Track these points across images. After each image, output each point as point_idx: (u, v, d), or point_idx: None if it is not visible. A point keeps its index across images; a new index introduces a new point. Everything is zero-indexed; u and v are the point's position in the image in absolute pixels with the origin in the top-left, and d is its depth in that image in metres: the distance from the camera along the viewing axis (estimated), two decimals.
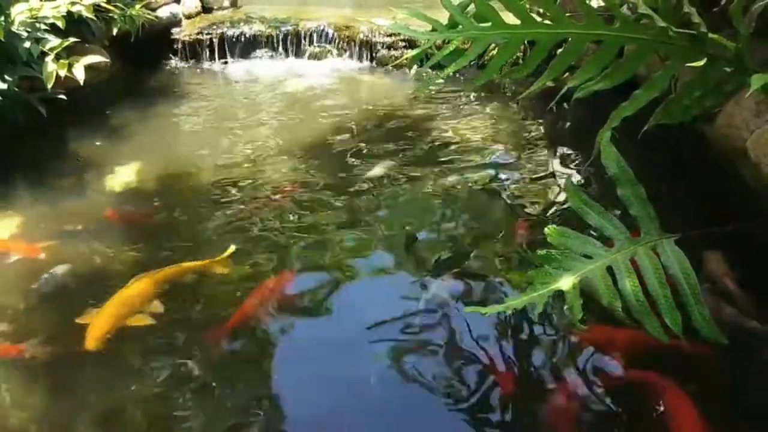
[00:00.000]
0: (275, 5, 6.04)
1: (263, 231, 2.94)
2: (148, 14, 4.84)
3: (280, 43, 5.49)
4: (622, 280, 2.10)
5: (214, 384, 2.10)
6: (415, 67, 5.13)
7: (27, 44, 3.75)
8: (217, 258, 2.63)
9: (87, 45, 4.28)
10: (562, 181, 3.31)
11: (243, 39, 5.48)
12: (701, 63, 2.25)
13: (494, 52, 2.76)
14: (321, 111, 4.44)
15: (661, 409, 1.96)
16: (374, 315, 2.42)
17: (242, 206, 3.13)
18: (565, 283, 2.08)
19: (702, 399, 1.97)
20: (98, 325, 2.21)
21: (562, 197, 3.14)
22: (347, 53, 5.43)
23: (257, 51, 5.50)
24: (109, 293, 2.41)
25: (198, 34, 5.48)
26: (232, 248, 2.68)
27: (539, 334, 2.31)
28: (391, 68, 5.26)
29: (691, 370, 2.08)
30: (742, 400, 2.03)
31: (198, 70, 5.35)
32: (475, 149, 3.79)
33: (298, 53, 5.49)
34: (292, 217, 3.05)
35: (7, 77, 3.59)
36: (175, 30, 5.48)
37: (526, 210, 3.11)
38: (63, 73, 3.81)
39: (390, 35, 5.33)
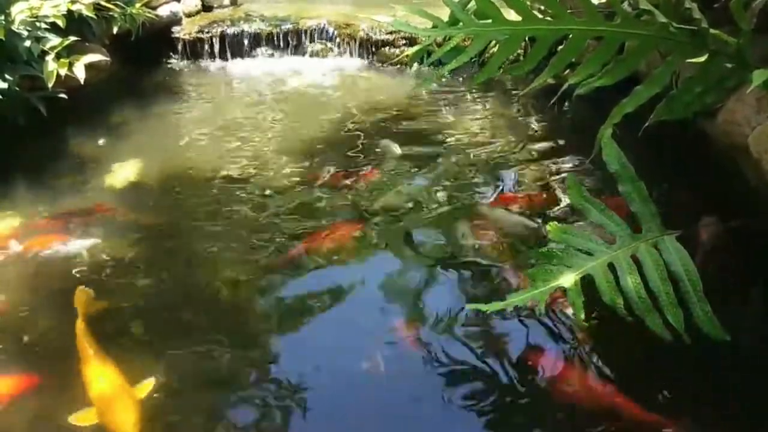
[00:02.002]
0: (275, 3, 6.03)
1: (264, 226, 2.96)
2: (149, 13, 4.83)
3: (281, 41, 5.48)
4: (623, 277, 2.10)
5: None
6: (415, 64, 5.13)
7: (27, 43, 3.74)
8: None
9: (87, 44, 4.27)
10: (563, 178, 3.31)
11: (243, 37, 5.47)
12: (702, 59, 2.24)
13: (495, 49, 2.75)
14: (321, 109, 4.44)
15: None
16: (374, 310, 2.44)
17: (242, 202, 3.15)
18: (567, 279, 2.08)
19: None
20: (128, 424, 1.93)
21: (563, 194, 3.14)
22: (348, 51, 5.43)
23: (258, 49, 5.49)
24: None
25: (198, 32, 5.47)
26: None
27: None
28: (391, 66, 5.25)
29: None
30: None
31: (198, 69, 5.34)
32: (475, 146, 3.78)
33: (299, 51, 5.48)
34: (294, 214, 3.06)
35: (7, 76, 3.59)
36: (175, 28, 5.47)
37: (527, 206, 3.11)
38: (63, 72, 3.81)
39: (390, 33, 5.32)
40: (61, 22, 3.90)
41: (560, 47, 2.44)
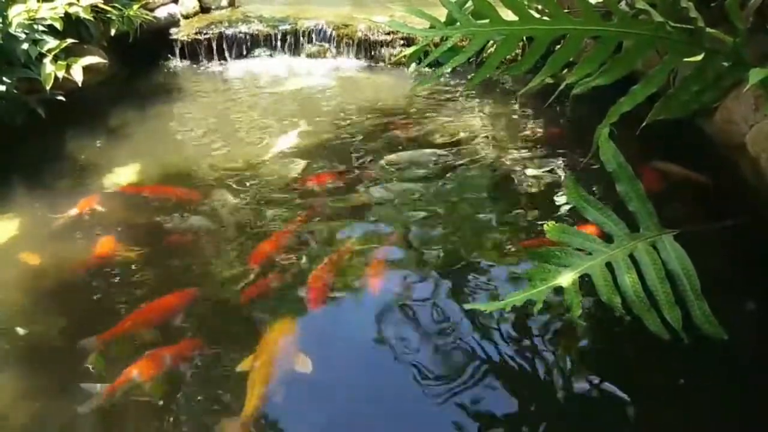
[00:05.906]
0: (273, 5, 6.03)
1: (260, 230, 2.96)
2: (146, 15, 4.82)
3: (279, 42, 5.48)
4: (621, 276, 2.11)
5: None
6: (413, 64, 5.13)
7: (25, 46, 3.74)
8: None
9: (85, 46, 4.27)
10: (561, 177, 3.32)
11: (241, 38, 5.47)
12: (699, 58, 2.25)
13: (492, 48, 2.75)
14: (320, 109, 4.44)
15: None
16: (375, 307, 2.46)
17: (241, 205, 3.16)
18: (565, 279, 2.09)
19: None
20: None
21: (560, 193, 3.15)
22: (345, 52, 5.43)
23: (256, 50, 5.49)
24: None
25: (196, 34, 5.46)
26: None
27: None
28: (389, 66, 5.26)
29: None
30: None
31: (197, 70, 5.34)
32: (473, 146, 3.78)
33: (297, 52, 5.49)
34: (293, 215, 3.06)
35: (5, 79, 3.59)
36: (173, 30, 5.46)
37: (525, 206, 3.12)
38: (61, 74, 3.81)
39: (388, 33, 5.32)
40: (58, 25, 3.90)
41: (557, 47, 2.45)
